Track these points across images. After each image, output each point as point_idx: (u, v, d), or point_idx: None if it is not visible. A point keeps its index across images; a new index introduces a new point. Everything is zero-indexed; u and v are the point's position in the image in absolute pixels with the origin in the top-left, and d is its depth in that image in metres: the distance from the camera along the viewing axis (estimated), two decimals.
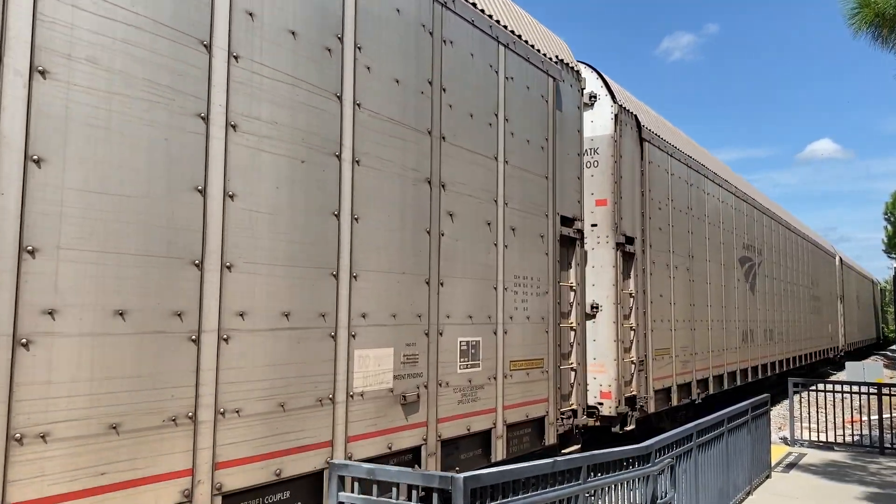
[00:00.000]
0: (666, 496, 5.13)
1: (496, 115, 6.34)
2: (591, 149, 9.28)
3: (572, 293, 7.81)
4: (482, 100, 6.14)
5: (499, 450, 6.11)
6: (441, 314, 5.46)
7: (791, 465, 9.72)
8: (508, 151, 6.51)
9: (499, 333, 6.21)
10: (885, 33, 9.87)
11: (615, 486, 4.44)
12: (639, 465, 4.76)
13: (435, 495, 3.19)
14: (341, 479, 3.48)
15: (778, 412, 16.29)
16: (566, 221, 7.70)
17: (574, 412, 7.68)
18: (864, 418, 12.75)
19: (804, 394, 12.88)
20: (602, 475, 4.24)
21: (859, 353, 37.20)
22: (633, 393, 9.40)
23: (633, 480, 4.66)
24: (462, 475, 3.12)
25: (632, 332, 9.47)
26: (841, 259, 31.70)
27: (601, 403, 8.93)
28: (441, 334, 5.45)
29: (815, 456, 10.39)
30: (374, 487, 3.42)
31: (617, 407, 8.87)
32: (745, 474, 7.84)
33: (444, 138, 5.61)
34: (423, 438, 5.19)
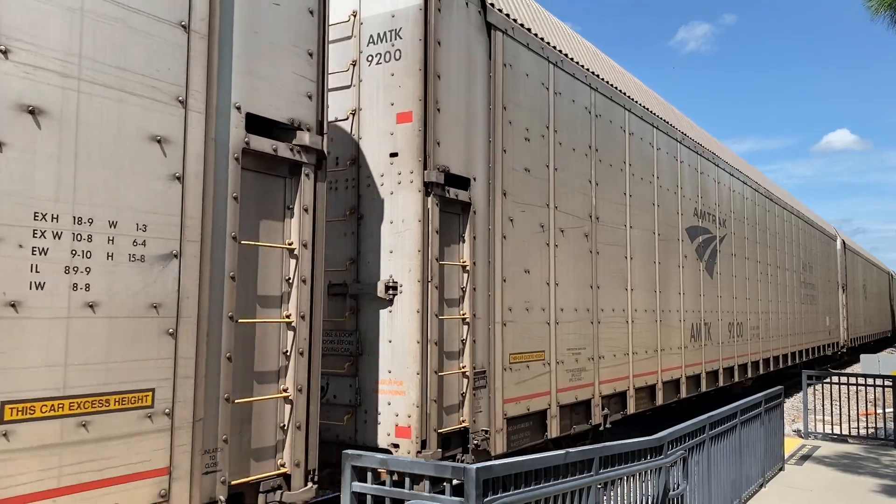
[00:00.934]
0: (678, 488, 5.05)
1: None
2: (388, 32, 5.72)
3: (292, 262, 4.30)
4: None
5: None
6: None
7: (805, 458, 9.54)
8: None
9: None
10: None
11: (627, 477, 4.37)
12: (651, 457, 4.66)
13: (447, 486, 3.20)
14: (355, 469, 3.45)
15: (791, 404, 15.65)
16: (271, 130, 4.18)
17: (286, 479, 4.18)
18: (879, 411, 12.57)
19: (818, 386, 12.69)
20: (614, 467, 4.18)
21: (867, 349, 32.70)
22: (464, 424, 5.89)
23: (646, 472, 4.61)
24: (475, 466, 3.10)
25: (464, 328, 5.95)
26: (844, 243, 27.57)
27: (396, 446, 5.43)
28: None
29: (828, 448, 10.20)
30: (388, 478, 3.39)
31: (420, 450, 5.35)
32: (758, 466, 7.68)
33: None
34: None
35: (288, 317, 4.25)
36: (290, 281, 4.28)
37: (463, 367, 5.91)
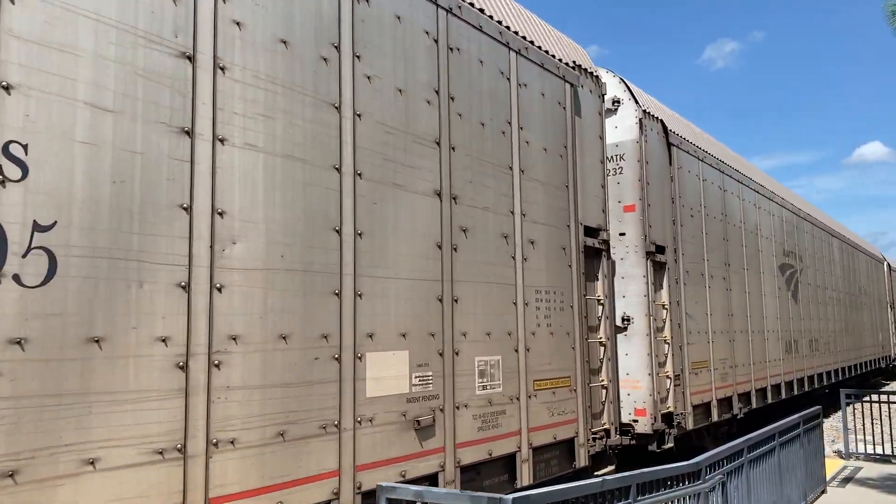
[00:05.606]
0: None
1: None
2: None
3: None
4: None
5: None
6: None
7: (847, 480, 9.32)
8: None
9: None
10: None
11: None
12: (689, 483, 4.66)
13: None
14: (389, 501, 3.45)
15: (831, 424, 15.48)
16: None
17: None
18: None
19: (858, 405, 12.43)
20: (652, 493, 4.18)
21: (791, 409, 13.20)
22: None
23: (684, 498, 4.57)
24: (511, 495, 3.09)
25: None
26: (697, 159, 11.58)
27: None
28: None
29: (871, 469, 9.96)
30: None
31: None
32: (799, 489, 7.51)
33: None
34: None
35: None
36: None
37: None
